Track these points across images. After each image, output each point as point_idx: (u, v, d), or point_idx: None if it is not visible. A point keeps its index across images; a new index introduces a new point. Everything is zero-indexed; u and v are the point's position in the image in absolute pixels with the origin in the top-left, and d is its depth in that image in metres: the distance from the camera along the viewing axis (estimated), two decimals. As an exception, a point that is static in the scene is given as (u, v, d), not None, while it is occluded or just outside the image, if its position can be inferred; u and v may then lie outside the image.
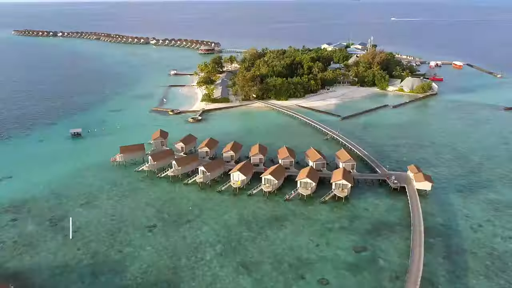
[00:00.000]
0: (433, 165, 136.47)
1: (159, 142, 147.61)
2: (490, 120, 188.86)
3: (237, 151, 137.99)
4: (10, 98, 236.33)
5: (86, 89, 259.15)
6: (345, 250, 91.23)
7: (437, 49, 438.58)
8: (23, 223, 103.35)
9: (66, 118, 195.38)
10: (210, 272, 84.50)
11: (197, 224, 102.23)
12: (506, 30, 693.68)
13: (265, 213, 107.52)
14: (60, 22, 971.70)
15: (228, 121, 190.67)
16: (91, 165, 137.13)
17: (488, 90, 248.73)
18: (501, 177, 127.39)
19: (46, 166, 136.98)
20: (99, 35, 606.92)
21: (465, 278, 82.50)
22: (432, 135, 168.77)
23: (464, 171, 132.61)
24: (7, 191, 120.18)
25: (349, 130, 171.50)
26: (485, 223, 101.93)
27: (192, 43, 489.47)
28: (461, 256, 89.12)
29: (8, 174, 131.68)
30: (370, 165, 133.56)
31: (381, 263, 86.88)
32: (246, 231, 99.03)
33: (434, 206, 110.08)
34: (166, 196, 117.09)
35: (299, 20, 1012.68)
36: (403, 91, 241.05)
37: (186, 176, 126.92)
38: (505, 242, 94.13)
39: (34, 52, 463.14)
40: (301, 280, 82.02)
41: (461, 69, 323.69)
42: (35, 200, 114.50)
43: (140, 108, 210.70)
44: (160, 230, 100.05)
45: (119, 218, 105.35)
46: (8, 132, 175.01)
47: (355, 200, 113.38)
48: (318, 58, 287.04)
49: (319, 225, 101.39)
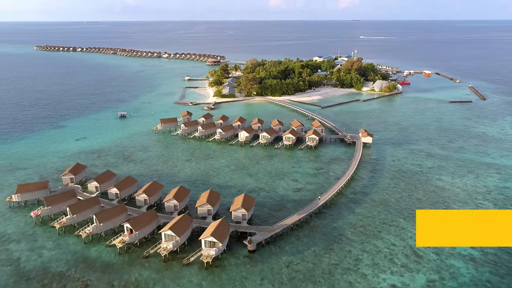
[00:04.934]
0: (380, 131, 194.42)
1: (186, 118, 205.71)
2: (435, 108, 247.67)
3: (243, 121, 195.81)
4: (62, 96, 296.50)
5: (119, 89, 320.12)
6: (310, 169, 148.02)
7: (413, 61, 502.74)
8: (105, 158, 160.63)
9: (111, 107, 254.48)
10: (228, 177, 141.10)
11: (217, 160, 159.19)
12: (475, 45, 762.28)
13: (261, 154, 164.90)
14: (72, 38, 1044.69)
15: (235, 108, 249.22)
16: (139, 132, 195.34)
17: (444, 90, 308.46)
18: (424, 138, 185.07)
19: (106, 133, 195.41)
20: (116, 49, 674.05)
21: (379, 178, 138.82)
22: (386, 117, 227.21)
23: (400, 134, 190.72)
24: (87, 144, 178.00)
25: (326, 114, 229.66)
26: (402, 158, 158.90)
27: (200, 56, 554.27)
28: (380, 170, 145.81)
29: (83, 136, 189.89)
30: (335, 131, 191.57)
31: (330, 173, 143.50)
32: (248, 161, 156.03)
33: (372, 150, 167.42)
34: (195, 147, 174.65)
35: (298, 38, 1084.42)
36: (374, 90, 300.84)
37: (208, 136, 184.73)
38: (409, 166, 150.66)
39: (62, 63, 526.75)
40: (281, 180, 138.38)
41: (430, 77, 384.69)
42: (106, 148, 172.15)
43: (166, 101, 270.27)
44: (194, 161, 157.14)
45: (166, 156, 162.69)
46: (71, 114, 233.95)
47: (321, 148, 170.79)
48: (307, 65, 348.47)
49: (296, 159, 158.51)
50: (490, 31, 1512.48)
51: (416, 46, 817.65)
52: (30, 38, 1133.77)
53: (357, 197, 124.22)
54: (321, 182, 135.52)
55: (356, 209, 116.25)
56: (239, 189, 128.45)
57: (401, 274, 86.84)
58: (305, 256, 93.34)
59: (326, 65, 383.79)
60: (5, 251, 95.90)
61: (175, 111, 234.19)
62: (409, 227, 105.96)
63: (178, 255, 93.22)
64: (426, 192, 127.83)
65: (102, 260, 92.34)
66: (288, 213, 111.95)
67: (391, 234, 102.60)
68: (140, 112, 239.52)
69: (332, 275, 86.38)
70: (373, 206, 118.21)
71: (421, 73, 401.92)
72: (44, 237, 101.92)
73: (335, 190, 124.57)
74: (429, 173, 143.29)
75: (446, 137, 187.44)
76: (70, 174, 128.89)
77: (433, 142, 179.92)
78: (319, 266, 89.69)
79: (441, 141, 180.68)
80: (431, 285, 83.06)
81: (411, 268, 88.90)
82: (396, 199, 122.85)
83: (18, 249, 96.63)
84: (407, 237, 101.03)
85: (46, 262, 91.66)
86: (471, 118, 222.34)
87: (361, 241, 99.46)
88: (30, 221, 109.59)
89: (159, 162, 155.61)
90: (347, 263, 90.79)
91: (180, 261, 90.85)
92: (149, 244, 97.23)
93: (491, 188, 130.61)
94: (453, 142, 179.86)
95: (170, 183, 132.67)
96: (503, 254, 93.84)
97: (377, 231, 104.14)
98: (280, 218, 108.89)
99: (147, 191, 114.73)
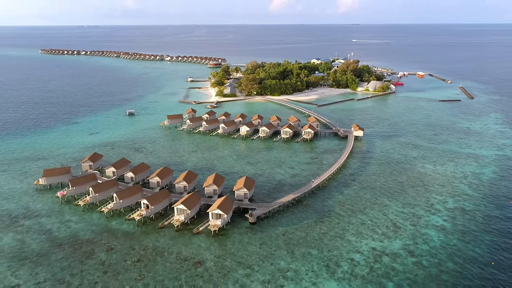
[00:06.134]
0: (371, 126, 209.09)
1: (191, 115, 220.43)
2: (425, 106, 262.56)
3: (244, 118, 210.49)
4: (72, 95, 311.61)
5: (125, 89, 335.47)
6: (305, 158, 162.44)
7: (408, 63, 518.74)
8: (118, 149, 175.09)
9: (119, 106, 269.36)
10: (231, 164, 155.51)
11: (221, 151, 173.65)
12: (471, 48, 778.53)
13: (261, 146, 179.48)
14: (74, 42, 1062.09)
15: (236, 107, 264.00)
16: (147, 128, 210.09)
17: (435, 90, 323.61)
18: (412, 132, 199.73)
19: (117, 128, 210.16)
20: (119, 53, 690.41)
21: (367, 166, 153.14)
22: (378, 114, 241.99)
23: (390, 129, 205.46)
24: (100, 137, 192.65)
25: (322, 112, 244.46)
26: (389, 149, 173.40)
27: (201, 59, 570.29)
28: (368, 159, 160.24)
29: (96, 131, 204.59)
30: (329, 126, 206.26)
31: (324, 162, 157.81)
32: (249, 152, 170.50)
33: (363, 143, 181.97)
34: (200, 140, 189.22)
35: (297, 42, 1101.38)
36: (368, 90, 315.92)
37: (212, 130, 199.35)
38: (396, 156, 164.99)
39: (68, 66, 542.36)
40: (279, 167, 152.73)
41: (423, 78, 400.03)
42: (118, 141, 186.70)
43: (171, 101, 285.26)
44: (199, 152, 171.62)
45: (174, 148, 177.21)
46: (82, 112, 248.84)
47: (316, 141, 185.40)
48: (305, 67, 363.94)
49: (293, 150, 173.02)
50: (487, 35, 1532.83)
51: (413, 49, 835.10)
52: (33, 42, 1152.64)
53: (346, 181, 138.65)
54: (315, 169, 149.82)
55: (345, 191, 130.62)
56: (241, 174, 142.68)
57: (381, 240, 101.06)
58: (299, 227, 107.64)
59: (323, 67, 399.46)
60: (38, 224, 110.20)
61: (179, 110, 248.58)
62: (391, 205, 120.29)
63: (188, 226, 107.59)
64: (409, 177, 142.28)
65: (122, 230, 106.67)
66: (284, 194, 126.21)
67: (375, 210, 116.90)
68: (147, 110, 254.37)
69: (321, 241, 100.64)
70: (360, 188, 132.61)
71: (414, 75, 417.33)
72: (70, 213, 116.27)
73: (327, 175, 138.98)
74: (414, 162, 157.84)
75: (433, 131, 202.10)
76: (89, 161, 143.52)
77: (420, 135, 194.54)
78: (310, 234, 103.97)
79: (427, 135, 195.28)
80: (406, 248, 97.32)
81: (390, 235, 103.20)
82: (382, 182, 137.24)
83: (49, 222, 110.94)
84: (389, 213, 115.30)
85: (75, 231, 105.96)
86: (458, 115, 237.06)
87: (348, 216, 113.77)
88: (56, 200, 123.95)
89: (167, 152, 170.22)
90: (334, 232, 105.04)
91: (190, 231, 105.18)
92: (163, 218, 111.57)
93: (468, 174, 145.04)
94: (439, 135, 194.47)
95: (178, 170, 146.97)
96: (471, 225, 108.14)
97: (363, 208, 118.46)
98: (278, 198, 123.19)
99: (160, 174, 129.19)
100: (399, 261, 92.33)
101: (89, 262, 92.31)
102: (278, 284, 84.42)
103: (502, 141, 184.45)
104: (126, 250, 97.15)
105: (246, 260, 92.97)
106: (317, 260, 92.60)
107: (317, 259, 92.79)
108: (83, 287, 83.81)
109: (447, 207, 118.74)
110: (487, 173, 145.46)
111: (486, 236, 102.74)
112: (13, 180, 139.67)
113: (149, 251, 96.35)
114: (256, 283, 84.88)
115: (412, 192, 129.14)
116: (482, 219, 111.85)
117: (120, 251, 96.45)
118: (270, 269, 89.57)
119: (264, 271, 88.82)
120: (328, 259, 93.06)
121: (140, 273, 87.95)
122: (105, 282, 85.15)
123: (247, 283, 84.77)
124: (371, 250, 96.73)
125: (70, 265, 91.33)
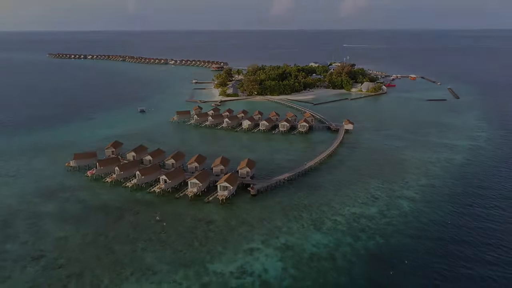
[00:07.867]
0: (361, 121, 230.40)
1: (198, 111, 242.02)
2: (413, 105, 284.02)
3: (246, 113, 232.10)
4: (85, 95, 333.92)
5: (135, 90, 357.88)
6: (300, 147, 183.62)
7: (403, 67, 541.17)
8: (133, 140, 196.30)
9: (131, 104, 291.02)
10: (234, 152, 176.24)
11: (225, 141, 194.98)
12: (465, 52, 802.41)
13: (261, 137, 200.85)
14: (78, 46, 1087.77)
15: (238, 105, 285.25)
16: (158, 123, 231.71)
17: (425, 91, 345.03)
18: (398, 125, 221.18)
19: (130, 123, 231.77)
20: (124, 57, 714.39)
21: (355, 153, 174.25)
22: (369, 112, 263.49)
23: (378, 124, 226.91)
24: (116, 131, 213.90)
25: (317, 110, 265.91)
26: (376, 140, 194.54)
27: (204, 63, 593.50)
28: (356, 148, 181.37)
29: (111, 126, 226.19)
30: (323, 121, 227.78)
31: (315, 149, 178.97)
32: (251, 143, 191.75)
33: (352, 135, 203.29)
34: (206, 132, 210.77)
35: (296, 47, 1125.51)
36: (361, 91, 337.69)
37: (217, 125, 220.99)
38: (381, 145, 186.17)
39: (77, 69, 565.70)
40: (277, 154, 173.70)
41: (415, 80, 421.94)
42: (133, 133, 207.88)
43: (178, 100, 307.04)
44: (205, 142, 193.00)
45: (183, 139, 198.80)
46: (97, 111, 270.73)
47: (311, 134, 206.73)
48: (303, 69, 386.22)
49: (290, 141, 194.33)
50: (483, 39, 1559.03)
51: (409, 54, 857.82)
52: (39, 46, 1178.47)
53: (336, 165, 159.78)
54: (309, 155, 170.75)
55: (334, 172, 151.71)
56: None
57: (360, 207, 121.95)
58: (292, 198, 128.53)
59: (320, 69, 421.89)
60: (74, 195, 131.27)
61: (187, 107, 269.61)
62: (372, 182, 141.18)
63: (200, 197, 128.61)
64: (390, 161, 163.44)
65: (145, 200, 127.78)
66: (281, 174, 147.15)
67: (358, 186, 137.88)
68: (156, 107, 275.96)
69: (310, 207, 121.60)
70: (347, 169, 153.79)
71: (407, 77, 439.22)
72: (99, 188, 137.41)
73: (318, 159, 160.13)
74: (396, 150, 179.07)
75: (417, 126, 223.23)
76: (112, 147, 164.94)
77: (405, 129, 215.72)
78: (302, 202, 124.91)
79: (411, 129, 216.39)
80: (380, 212, 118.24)
81: (368, 204, 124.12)
82: (366, 165, 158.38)
83: (82, 194, 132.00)
84: (369, 188, 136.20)
85: (105, 201, 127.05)
86: (442, 113, 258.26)
87: (335, 190, 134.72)
88: (86, 179, 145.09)
89: (177, 142, 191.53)
90: (322, 201, 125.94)
91: (202, 200, 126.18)
92: (178, 192, 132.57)
93: (441, 159, 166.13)
94: (422, 129, 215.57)
95: (188, 157, 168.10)
96: (437, 197, 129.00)
97: (348, 184, 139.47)
98: (275, 177, 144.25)
99: (174, 157, 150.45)
100: (374, 221, 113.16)
101: (121, 222, 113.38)
102: (274, 236, 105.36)
103: (478, 134, 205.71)
104: (150, 213, 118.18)
105: (248, 220, 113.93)
106: (306, 220, 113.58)
107: (307, 220, 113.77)
108: (118, 237, 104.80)
109: (419, 184, 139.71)
110: (458, 159, 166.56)
111: (448, 205, 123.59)
112: (47, 163, 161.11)
113: (169, 214, 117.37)
114: (257, 235, 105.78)
115: (391, 173, 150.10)
116: (447, 192, 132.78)
117: (145, 213, 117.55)
118: (268, 226, 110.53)
119: (262, 228, 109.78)
120: (316, 219, 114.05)
121: (163, 229, 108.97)
122: (135, 234, 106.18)
123: (248, 236, 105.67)
124: (352, 214, 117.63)
125: (105, 223, 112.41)
